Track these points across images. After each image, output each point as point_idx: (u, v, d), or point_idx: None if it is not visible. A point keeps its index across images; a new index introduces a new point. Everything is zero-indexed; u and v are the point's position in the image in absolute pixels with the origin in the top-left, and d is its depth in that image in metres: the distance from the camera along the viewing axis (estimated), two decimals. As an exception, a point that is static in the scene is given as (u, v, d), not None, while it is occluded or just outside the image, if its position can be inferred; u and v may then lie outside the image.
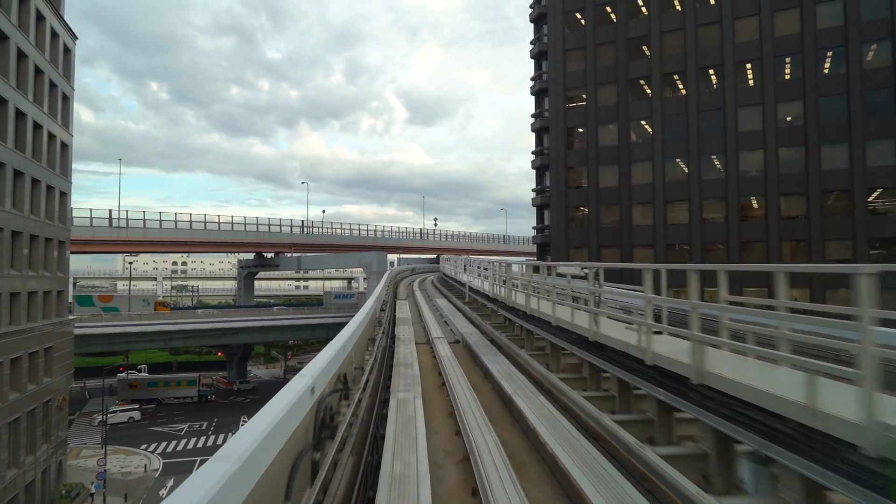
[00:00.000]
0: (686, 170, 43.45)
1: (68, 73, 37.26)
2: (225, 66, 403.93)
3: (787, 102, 40.51)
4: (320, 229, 77.54)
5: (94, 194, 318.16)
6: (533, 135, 52.26)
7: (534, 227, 51.37)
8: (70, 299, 44.47)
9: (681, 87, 44.35)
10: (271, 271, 79.41)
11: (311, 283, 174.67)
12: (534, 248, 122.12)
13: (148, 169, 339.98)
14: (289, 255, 73.94)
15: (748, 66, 42.01)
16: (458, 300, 23.45)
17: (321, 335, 67.04)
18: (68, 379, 37.86)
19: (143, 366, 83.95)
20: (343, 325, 9.09)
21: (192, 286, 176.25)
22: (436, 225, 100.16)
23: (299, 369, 5.15)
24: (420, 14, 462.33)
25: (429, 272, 59.10)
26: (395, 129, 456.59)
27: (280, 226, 72.76)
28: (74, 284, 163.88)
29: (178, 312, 66.38)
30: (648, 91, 45.55)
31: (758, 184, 41.10)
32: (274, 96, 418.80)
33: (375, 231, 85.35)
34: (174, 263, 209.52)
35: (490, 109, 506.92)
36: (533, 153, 51.74)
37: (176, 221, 62.48)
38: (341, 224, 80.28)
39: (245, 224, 68.85)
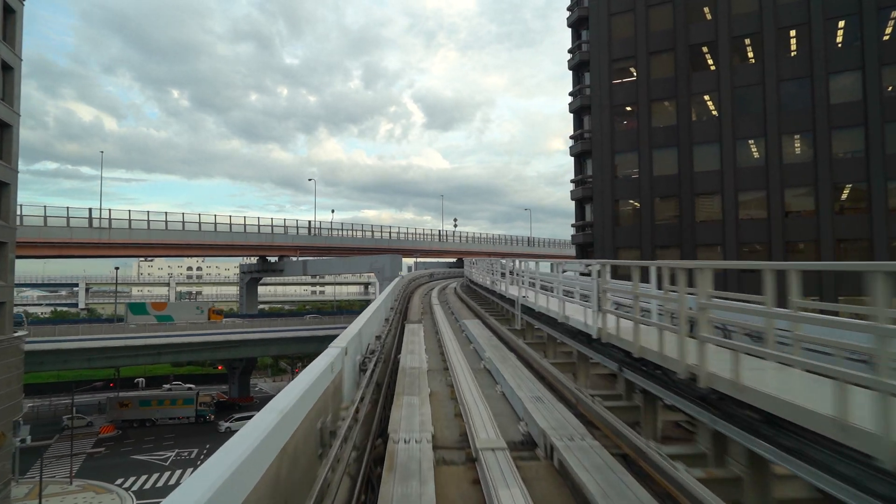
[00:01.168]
0: (762, 153, 35.62)
1: (12, 39, 30.84)
2: (244, 72, 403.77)
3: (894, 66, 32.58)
4: (329, 231, 70.79)
5: (118, 200, 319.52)
6: (571, 117, 44.74)
7: (573, 225, 43.84)
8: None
9: (753, 53, 36.58)
10: (275, 277, 72.59)
11: (328, 289, 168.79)
12: (565, 251, 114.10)
13: (169, 175, 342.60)
14: (294, 259, 67.25)
15: (841, 23, 34.15)
16: (498, 322, 16.05)
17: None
18: (14, 408, 31.22)
19: (140, 379, 77.91)
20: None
21: (197, 291, 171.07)
22: (455, 226, 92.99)
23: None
24: (436, 18, 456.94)
25: (450, 278, 51.76)
26: (412, 134, 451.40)
27: (285, 227, 66.06)
28: (87, 291, 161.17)
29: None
30: (712, 60, 37.87)
31: (857, 168, 33.14)
32: (292, 102, 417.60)
33: (390, 233, 78.39)
34: (189, 269, 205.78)
35: (507, 113, 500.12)
36: (571, 137, 44.22)
37: (166, 222, 56.06)
38: (352, 226, 73.48)
39: (245, 226, 62.27)
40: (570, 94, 44.38)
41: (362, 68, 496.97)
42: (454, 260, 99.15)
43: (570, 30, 45.41)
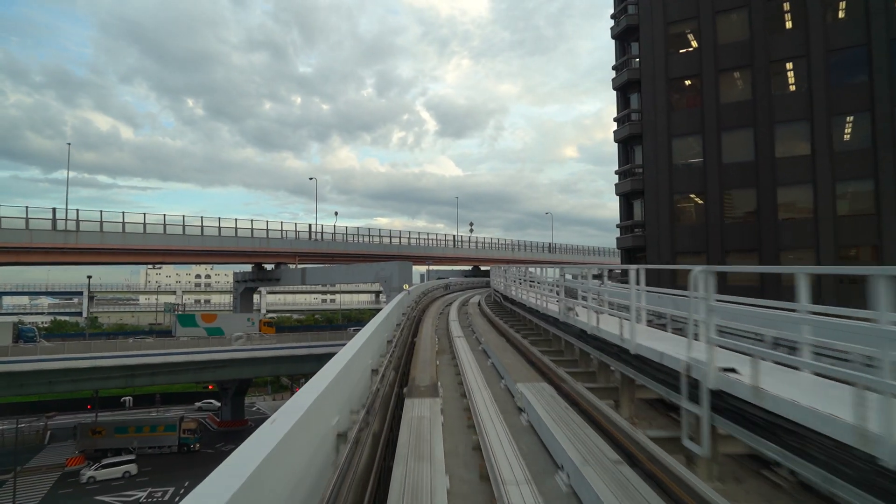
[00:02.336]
0: (866, 132, 27.98)
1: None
2: (258, 81, 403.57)
3: None
4: (333, 236, 63.76)
5: (134, 209, 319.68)
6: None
7: (618, 226, 36.30)
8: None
9: (851, 6, 29.08)
10: (272, 286, 65.57)
11: (339, 297, 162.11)
12: (590, 257, 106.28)
13: (185, 184, 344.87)
14: (292, 266, 60.25)
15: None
16: (590, 393, 8.59)
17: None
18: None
19: (128, 398, 71.16)
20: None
21: (206, 300, 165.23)
22: (472, 231, 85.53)
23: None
24: (450, 26, 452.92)
25: (469, 289, 44.28)
26: (425, 142, 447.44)
27: (282, 232, 59.14)
28: (91, 299, 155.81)
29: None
30: (790, 19, 30.44)
31: None
32: (306, 110, 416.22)
33: (399, 238, 71.21)
34: (197, 276, 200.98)
35: (520, 121, 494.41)
36: (615, 119, 36.79)
37: (145, 225, 49.35)
38: (357, 230, 66.39)
39: (237, 229, 55.40)
40: (614, 67, 37.04)
41: (375, 76, 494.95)
42: (469, 268, 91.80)
43: (613, -9, 38.08)
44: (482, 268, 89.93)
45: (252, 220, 56.64)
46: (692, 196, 32.37)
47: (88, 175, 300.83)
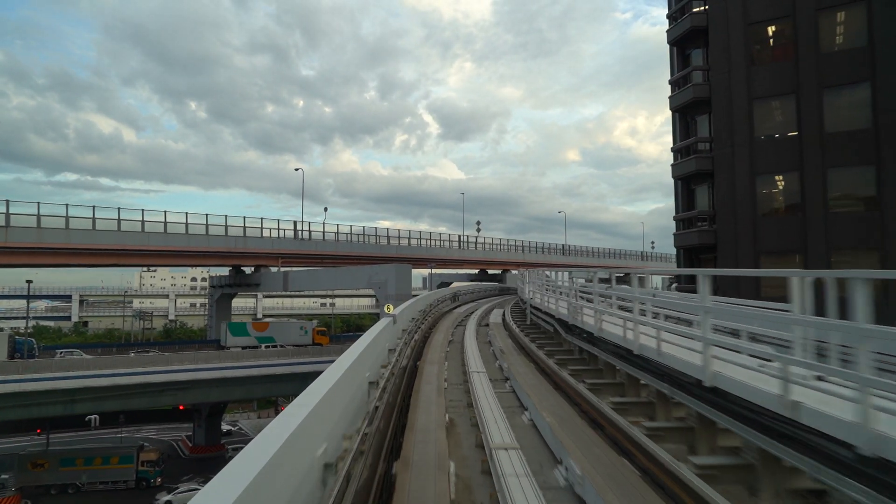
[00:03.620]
0: None
1: None
2: (260, 84, 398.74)
3: None
4: (323, 235, 55.91)
5: (135, 212, 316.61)
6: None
7: (676, 219, 28.28)
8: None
9: None
10: (250, 291, 57.57)
11: (339, 301, 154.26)
12: (607, 260, 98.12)
13: (187, 187, 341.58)
14: (274, 269, 52.35)
15: None
16: None
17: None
18: None
19: (93, 416, 63.06)
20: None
21: (202, 304, 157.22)
22: (478, 231, 77.55)
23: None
24: (452, 28, 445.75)
25: (481, 299, 36.27)
26: (427, 145, 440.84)
27: (261, 230, 51.28)
28: (81, 303, 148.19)
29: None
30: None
31: None
32: (308, 113, 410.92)
33: (398, 238, 63.35)
34: (193, 279, 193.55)
35: (523, 124, 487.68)
36: (671, 83, 28.84)
37: (94, 220, 41.48)
38: (351, 228, 58.46)
39: (208, 226, 47.53)
40: (669, 16, 29.15)
41: (378, 79, 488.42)
42: (475, 271, 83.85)
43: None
44: (490, 271, 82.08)
45: (226, 217, 48.85)
46: (780, 178, 24.44)
47: (91, 178, 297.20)
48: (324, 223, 56.31)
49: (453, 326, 18.48)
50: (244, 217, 49.93)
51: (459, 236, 71.56)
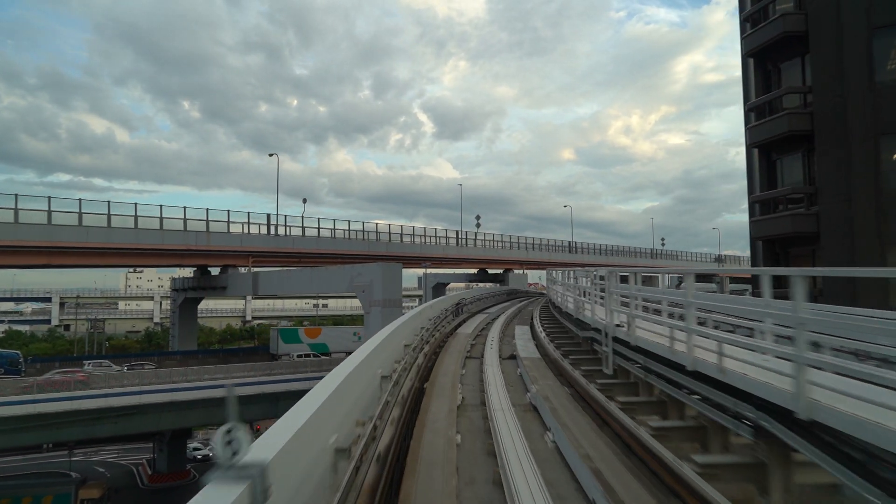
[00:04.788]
0: None
1: None
2: (254, 83, 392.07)
3: None
4: (303, 230, 48.69)
5: (128, 212, 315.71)
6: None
7: (753, 200, 21.12)
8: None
9: None
10: (217, 295, 50.28)
11: (332, 302, 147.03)
12: (615, 258, 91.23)
13: (181, 187, 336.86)
14: (242, 269, 45.13)
15: None
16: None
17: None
18: None
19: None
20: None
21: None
22: (478, 227, 70.35)
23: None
24: (447, 27, 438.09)
25: (491, 307, 29.02)
26: (422, 144, 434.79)
27: (228, 224, 44.00)
28: (62, 306, 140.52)
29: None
30: None
31: None
32: (302, 113, 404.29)
33: (389, 234, 56.25)
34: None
35: (518, 123, 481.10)
36: (744, 18, 21.70)
37: (16, 211, 34.18)
38: (334, 222, 51.32)
39: (162, 220, 40.26)
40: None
41: (372, 78, 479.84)
42: (475, 271, 76.82)
43: None
44: (490, 271, 75.07)
45: (185, 209, 41.57)
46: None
47: (84, 178, 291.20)
48: (302, 217, 49.05)
49: (460, 363, 11.33)
50: (207, 210, 42.70)
51: (457, 232, 64.47)
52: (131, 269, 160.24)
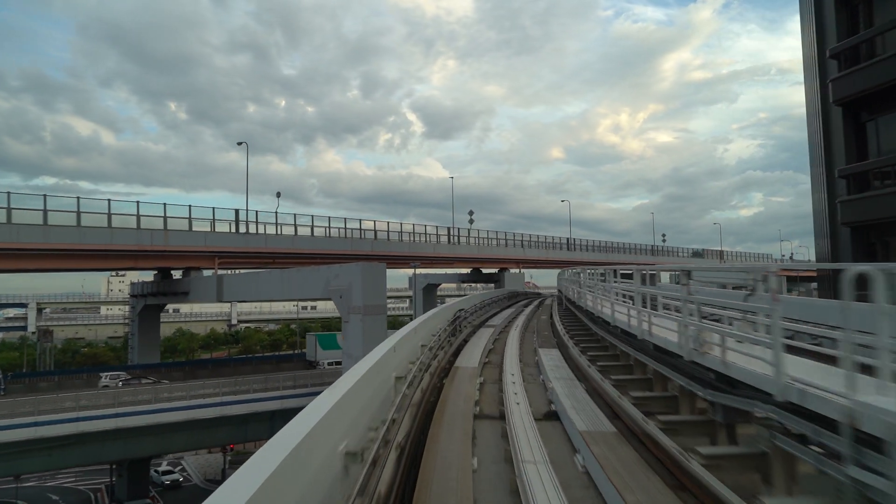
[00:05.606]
0: None
1: None
2: (241, 83, 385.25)
3: None
4: (277, 227, 43.51)
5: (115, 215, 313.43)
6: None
7: (841, 173, 16.40)
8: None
9: None
10: (179, 301, 44.77)
11: (321, 304, 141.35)
12: (616, 255, 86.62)
13: (168, 189, 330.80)
14: (208, 272, 39.91)
15: None
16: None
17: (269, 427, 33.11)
18: None
19: None
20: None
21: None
22: (471, 223, 65.31)
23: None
24: (435, 26, 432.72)
25: (493, 316, 23.85)
26: (412, 144, 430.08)
27: (190, 221, 38.78)
28: (40, 311, 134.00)
29: None
30: None
31: None
32: (290, 113, 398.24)
33: (376, 232, 51.24)
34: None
35: (507, 122, 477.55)
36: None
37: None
38: (312, 218, 46.13)
39: (109, 216, 34.98)
40: None
41: (360, 78, 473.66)
42: (468, 271, 72.01)
43: None
44: (484, 270, 70.27)
45: (138, 203, 36.30)
46: None
47: (70, 181, 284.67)
48: (276, 213, 43.80)
49: (468, 442, 6.51)
50: (164, 205, 37.45)
51: (449, 229, 59.45)
52: (113, 273, 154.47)
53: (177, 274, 44.01)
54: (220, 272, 40.23)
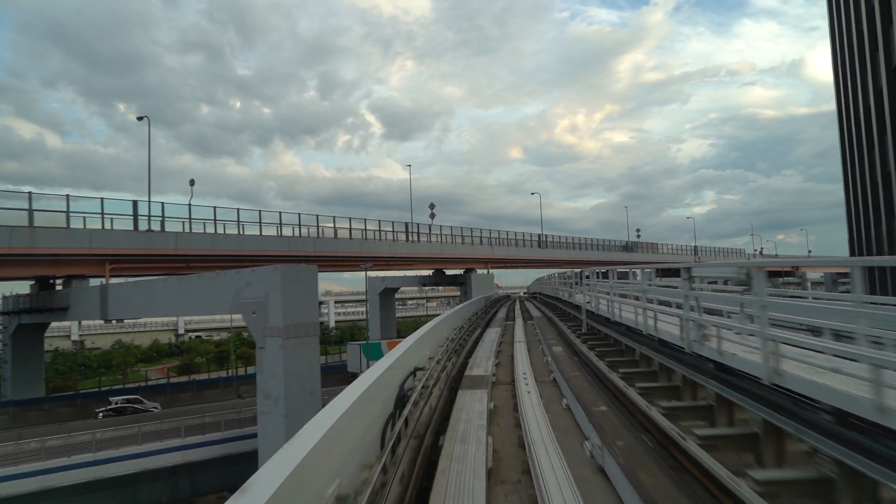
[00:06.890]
0: None
1: None
2: (194, 84, 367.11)
3: None
4: (189, 224, 34.87)
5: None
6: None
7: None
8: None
9: None
10: (58, 319, 35.18)
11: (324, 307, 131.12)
12: (591, 253, 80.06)
13: (119, 193, 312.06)
14: (94, 282, 31.05)
15: None
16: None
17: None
18: None
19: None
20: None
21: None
22: (433, 217, 57.43)
23: None
24: (392, 25, 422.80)
25: (476, 345, 16.20)
26: (371, 146, 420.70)
27: (67, 215, 29.80)
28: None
29: None
30: None
31: None
32: (246, 114, 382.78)
33: (319, 228, 43.03)
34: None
35: (466, 123, 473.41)
36: None
37: None
38: (238, 212, 37.67)
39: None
40: None
41: (318, 78, 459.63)
42: (429, 273, 64.31)
43: None
44: (448, 272, 62.72)
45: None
46: None
47: (13, 186, 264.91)
48: (189, 205, 35.11)
49: None
50: (30, 193, 28.48)
51: (407, 225, 51.61)
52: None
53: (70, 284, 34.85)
54: (113, 281, 31.29)
